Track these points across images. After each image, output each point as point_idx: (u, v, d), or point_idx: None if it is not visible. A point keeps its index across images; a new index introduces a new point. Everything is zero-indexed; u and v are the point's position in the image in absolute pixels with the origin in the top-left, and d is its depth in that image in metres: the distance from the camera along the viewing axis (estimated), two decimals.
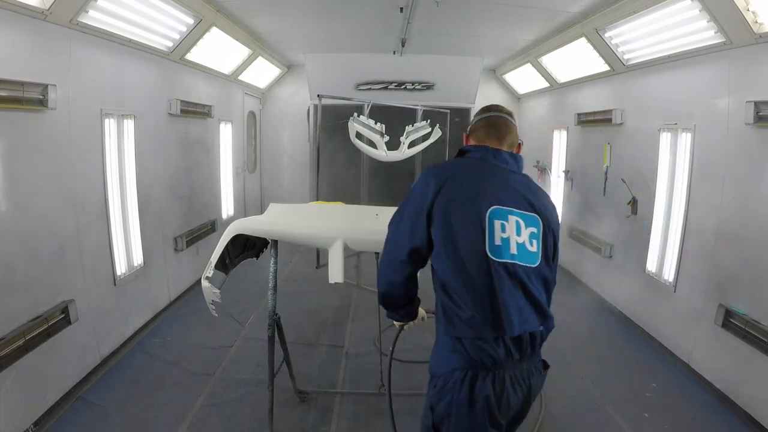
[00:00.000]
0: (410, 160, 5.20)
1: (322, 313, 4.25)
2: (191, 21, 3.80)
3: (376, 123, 4.87)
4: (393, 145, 5.02)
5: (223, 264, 2.29)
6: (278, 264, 2.35)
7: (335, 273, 2.13)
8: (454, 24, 4.52)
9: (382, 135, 4.87)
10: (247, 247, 2.42)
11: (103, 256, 3.21)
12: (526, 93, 6.97)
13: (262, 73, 6.47)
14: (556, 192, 5.94)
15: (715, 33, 2.92)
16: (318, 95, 5.12)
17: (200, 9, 3.75)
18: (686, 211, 3.41)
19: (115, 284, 3.33)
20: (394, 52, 5.73)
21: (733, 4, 2.61)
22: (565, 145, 5.63)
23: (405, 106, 5.76)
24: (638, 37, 3.73)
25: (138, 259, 3.65)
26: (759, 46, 2.71)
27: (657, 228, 3.76)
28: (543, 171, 6.31)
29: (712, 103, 3.14)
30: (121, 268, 3.42)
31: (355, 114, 4.84)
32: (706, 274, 3.17)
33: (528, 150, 6.92)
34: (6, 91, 2.31)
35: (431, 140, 5.46)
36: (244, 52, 5.33)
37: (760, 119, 2.69)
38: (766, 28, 2.61)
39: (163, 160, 4.06)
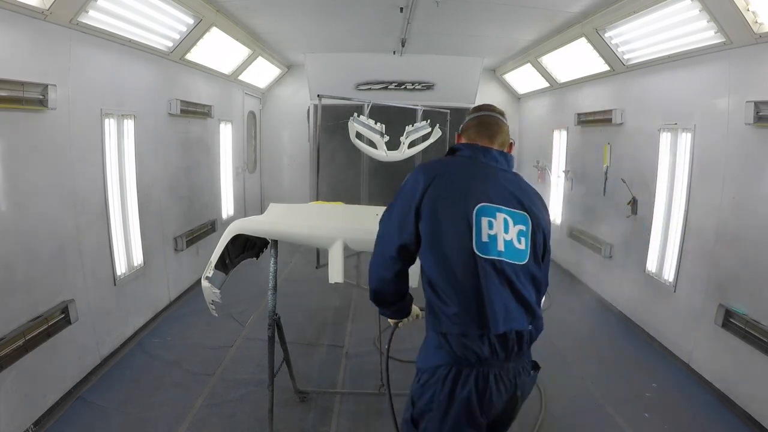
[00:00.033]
0: (410, 160, 5.20)
1: (322, 313, 4.25)
2: (191, 21, 3.80)
3: (376, 123, 4.87)
4: (393, 145, 5.02)
5: (223, 264, 2.29)
6: (278, 264, 2.35)
7: (335, 273, 2.13)
8: (454, 24, 4.52)
9: (382, 135, 4.87)
10: (247, 247, 2.42)
11: (103, 256, 3.21)
12: (526, 93, 6.97)
13: (262, 73, 6.47)
14: (556, 192, 5.94)
15: (715, 33, 2.93)
16: (318, 95, 5.13)
17: (200, 9, 3.75)
18: (686, 211, 3.41)
19: (115, 284, 3.33)
20: (394, 52, 5.73)
21: (733, 4, 2.61)
22: (565, 145, 5.63)
23: (405, 106, 5.76)
24: (638, 37, 3.73)
25: (138, 259, 3.65)
26: (759, 46, 2.71)
27: (657, 228, 3.76)
28: (543, 171, 6.32)
29: (712, 103, 3.14)
30: (121, 268, 3.42)
31: (355, 114, 4.84)
32: (706, 274, 3.17)
33: (528, 150, 7.05)
34: (6, 91, 2.31)
35: (431, 140, 5.46)
36: (244, 52, 5.33)
37: (760, 119, 2.69)
38: (766, 28, 2.61)
39: (163, 160, 4.06)
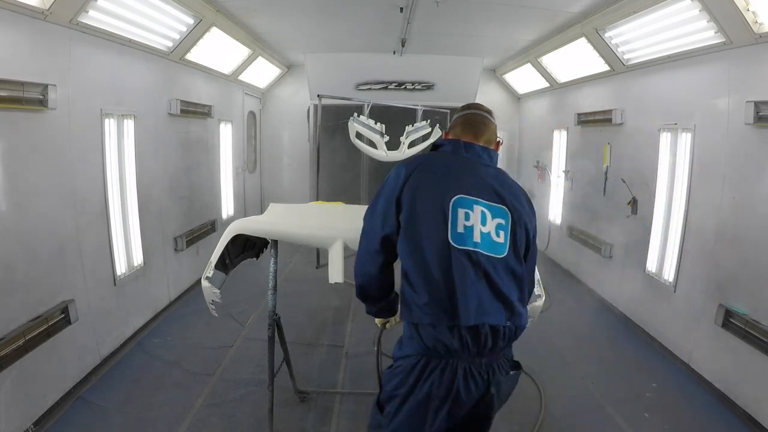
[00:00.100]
0: None
1: (322, 313, 4.24)
2: (191, 21, 3.80)
3: (376, 123, 4.87)
4: (393, 145, 5.02)
5: (223, 264, 2.29)
6: (278, 264, 2.35)
7: (335, 273, 2.13)
8: (454, 24, 4.52)
9: (382, 135, 4.87)
10: (247, 247, 2.42)
11: (103, 256, 3.21)
12: (526, 93, 6.97)
13: (262, 73, 6.47)
14: (556, 192, 5.94)
15: (715, 33, 2.93)
16: (318, 95, 5.13)
17: (200, 9, 3.75)
18: (686, 211, 3.41)
19: (115, 284, 3.33)
20: (394, 52, 5.73)
21: (733, 4, 2.61)
22: (565, 145, 5.63)
23: (405, 106, 5.76)
24: (638, 37, 3.73)
25: (138, 259, 3.65)
26: (759, 46, 2.71)
27: (657, 228, 3.76)
28: (543, 171, 6.32)
29: (712, 103, 3.14)
30: (121, 268, 3.42)
31: (355, 114, 4.84)
32: (706, 274, 3.17)
33: (528, 150, 7.05)
34: (6, 91, 2.31)
35: (431, 140, 5.46)
36: (244, 52, 5.33)
37: (760, 119, 2.69)
38: (766, 28, 2.61)
39: (163, 160, 4.06)
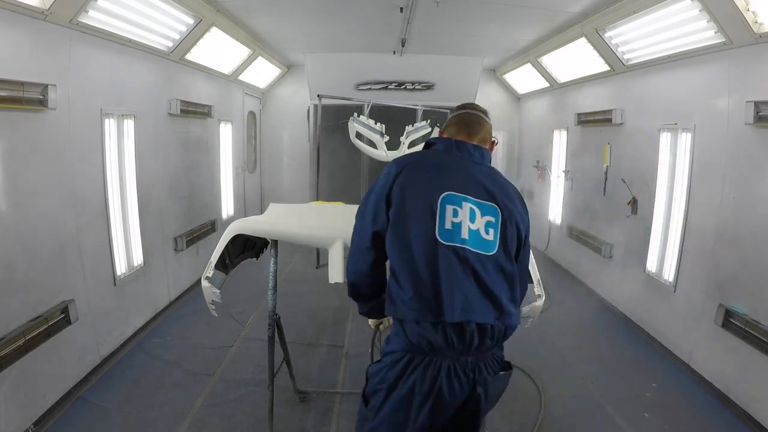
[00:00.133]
0: None
1: (322, 313, 4.24)
2: (191, 21, 3.80)
3: (376, 123, 4.87)
4: (393, 145, 5.01)
5: (223, 264, 2.29)
6: (278, 264, 2.35)
7: (335, 273, 2.13)
8: (454, 24, 4.52)
9: (382, 135, 4.87)
10: (247, 247, 2.42)
11: (103, 256, 3.21)
12: (526, 93, 6.97)
13: (262, 73, 6.47)
14: (556, 192, 5.94)
15: (715, 33, 2.93)
16: (318, 95, 5.13)
17: (200, 9, 3.75)
18: (686, 211, 3.41)
19: (115, 284, 3.33)
20: (394, 52, 5.72)
21: (733, 4, 2.61)
22: (565, 145, 5.63)
23: (405, 106, 5.75)
24: (638, 37, 3.73)
25: (138, 259, 3.65)
26: (759, 46, 2.71)
27: (657, 228, 3.76)
28: (543, 171, 6.32)
29: (712, 103, 3.14)
30: (121, 268, 3.42)
31: (355, 114, 4.84)
32: (706, 274, 3.17)
33: (528, 150, 7.04)
34: (6, 91, 2.31)
35: None
36: (244, 52, 5.32)
37: (760, 119, 2.69)
38: (766, 28, 2.61)
39: (163, 160, 4.06)
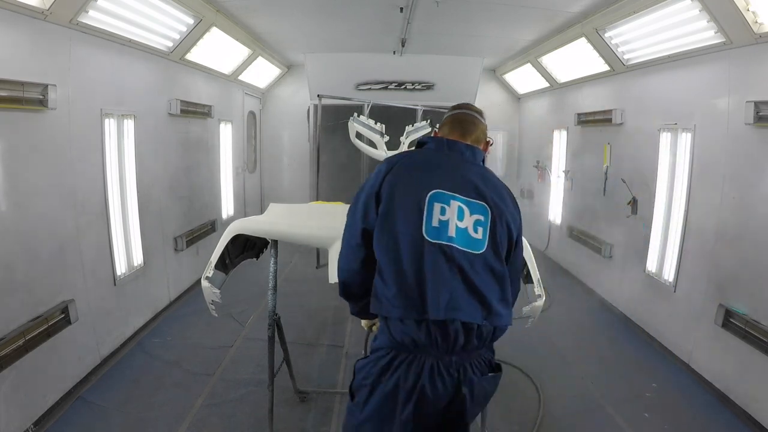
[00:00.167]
0: None
1: (322, 313, 4.24)
2: (191, 21, 3.80)
3: (376, 123, 4.86)
4: (393, 145, 5.00)
5: (223, 264, 2.29)
6: (278, 264, 2.35)
7: (335, 273, 2.12)
8: (454, 24, 4.52)
9: (382, 135, 4.86)
10: (247, 247, 2.42)
11: (103, 256, 3.21)
12: (526, 93, 6.97)
13: (262, 73, 6.47)
14: (556, 192, 5.94)
15: (715, 33, 2.93)
16: (318, 95, 5.13)
17: (200, 9, 3.75)
18: (686, 211, 3.41)
19: (115, 284, 3.33)
20: (394, 52, 5.73)
21: (733, 4, 2.61)
22: (565, 145, 5.63)
23: (405, 106, 5.75)
24: (638, 37, 3.73)
25: (138, 259, 3.65)
26: (759, 46, 2.71)
27: (657, 228, 3.76)
28: (543, 171, 6.32)
29: (712, 103, 3.14)
30: (121, 268, 3.42)
31: (355, 114, 4.84)
32: (706, 274, 3.17)
33: (528, 150, 7.04)
34: (6, 91, 2.31)
35: None
36: (244, 52, 5.33)
37: (760, 119, 2.69)
38: (766, 28, 2.61)
39: (163, 160, 4.06)
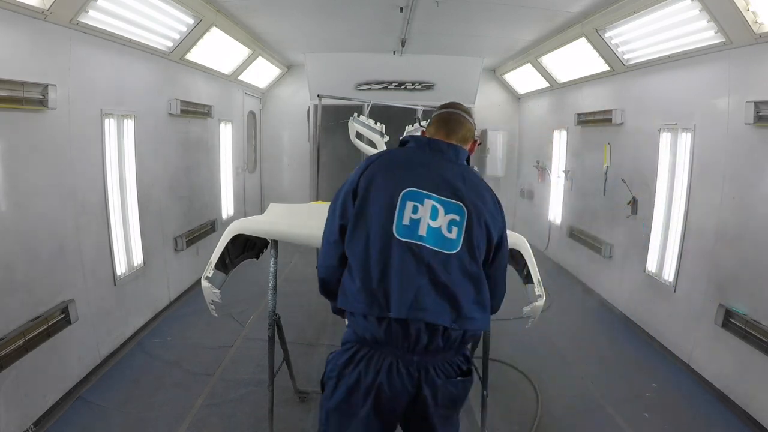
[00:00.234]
0: None
1: (322, 313, 4.23)
2: (191, 21, 3.80)
3: (376, 123, 4.86)
4: (393, 145, 5.00)
5: (223, 264, 2.29)
6: (278, 264, 2.35)
7: None
8: (454, 24, 4.52)
9: (382, 135, 4.86)
10: (247, 247, 2.41)
11: (103, 256, 3.21)
12: (526, 93, 6.97)
13: (262, 73, 6.47)
14: (556, 192, 5.94)
15: (715, 33, 2.93)
16: (318, 95, 5.12)
17: (200, 9, 3.75)
18: (686, 211, 3.41)
19: (115, 284, 3.33)
20: (394, 52, 5.73)
21: (733, 4, 2.61)
22: (565, 145, 5.63)
23: (405, 106, 5.75)
24: (638, 37, 3.73)
25: (138, 259, 3.65)
26: (759, 46, 2.71)
27: (657, 228, 3.76)
28: (543, 171, 6.32)
29: (712, 103, 3.14)
30: (121, 268, 3.42)
31: (355, 114, 4.83)
32: (706, 274, 3.17)
33: (528, 150, 7.04)
34: (6, 91, 2.31)
35: None
36: (244, 52, 5.33)
37: (760, 119, 2.69)
38: (766, 28, 2.61)
39: (163, 160, 4.06)
